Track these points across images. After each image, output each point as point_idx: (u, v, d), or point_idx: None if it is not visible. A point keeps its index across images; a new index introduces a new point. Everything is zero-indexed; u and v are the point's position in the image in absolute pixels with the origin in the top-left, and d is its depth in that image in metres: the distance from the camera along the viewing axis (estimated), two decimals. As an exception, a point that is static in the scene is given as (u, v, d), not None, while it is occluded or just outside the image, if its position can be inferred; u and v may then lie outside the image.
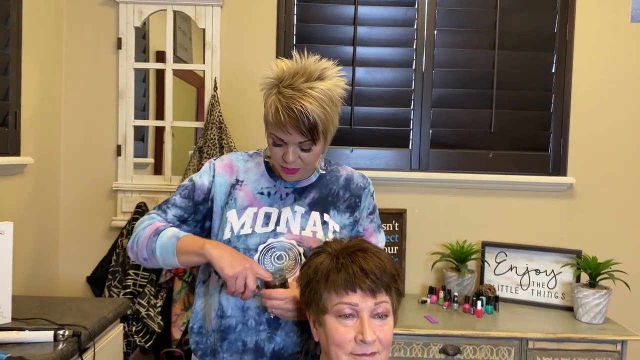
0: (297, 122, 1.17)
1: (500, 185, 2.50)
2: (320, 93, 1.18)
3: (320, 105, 1.18)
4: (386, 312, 1.07)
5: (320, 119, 1.18)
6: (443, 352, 2.00)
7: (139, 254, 1.29)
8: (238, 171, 1.36)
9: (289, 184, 1.34)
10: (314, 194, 1.33)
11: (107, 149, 2.49)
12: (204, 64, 2.49)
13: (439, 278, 2.51)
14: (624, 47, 2.49)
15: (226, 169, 1.36)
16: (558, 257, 2.35)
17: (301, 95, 1.17)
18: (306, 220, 1.30)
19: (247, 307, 1.26)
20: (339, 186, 1.36)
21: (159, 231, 1.26)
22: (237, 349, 1.26)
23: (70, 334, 1.46)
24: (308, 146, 1.22)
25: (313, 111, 1.17)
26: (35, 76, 2.24)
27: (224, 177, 1.35)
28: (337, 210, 1.33)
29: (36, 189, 2.28)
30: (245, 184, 1.34)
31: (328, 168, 1.39)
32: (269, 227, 1.28)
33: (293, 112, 1.16)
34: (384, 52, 2.51)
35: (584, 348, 2.00)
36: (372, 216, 1.38)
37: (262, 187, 1.33)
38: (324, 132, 1.21)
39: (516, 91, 2.51)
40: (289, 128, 1.18)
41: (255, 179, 1.34)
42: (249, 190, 1.33)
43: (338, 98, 1.24)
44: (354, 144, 2.52)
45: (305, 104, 1.16)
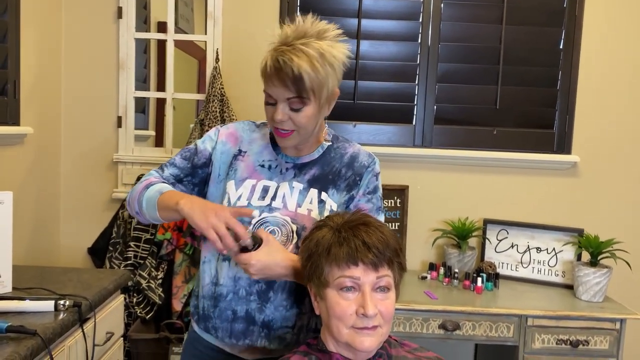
0: (282, 73, 1.15)
1: (504, 162, 2.48)
2: (312, 49, 1.16)
3: (310, 61, 1.15)
4: (388, 285, 1.07)
5: (308, 74, 1.15)
6: (442, 328, 2.01)
7: (132, 207, 1.30)
8: (242, 141, 1.34)
9: (290, 158, 1.30)
10: (315, 170, 1.30)
11: (108, 120, 2.47)
12: (205, 35, 2.45)
13: (439, 254, 2.51)
14: (633, 23, 2.44)
15: (230, 138, 1.34)
16: (560, 236, 2.34)
17: (291, 49, 1.16)
18: (304, 197, 1.27)
19: (239, 277, 1.24)
20: (342, 164, 1.32)
21: (150, 185, 1.27)
22: (227, 317, 1.25)
23: (71, 304, 1.46)
24: (297, 105, 1.19)
25: (299, 65, 1.14)
26: (34, 44, 2.20)
27: (227, 146, 1.33)
28: (337, 189, 1.29)
29: (36, 159, 2.27)
30: (248, 154, 1.32)
31: (335, 144, 1.35)
32: (265, 201, 1.26)
33: (278, 64, 1.15)
34: (389, 25, 2.46)
35: (583, 326, 2.01)
36: (370, 196, 1.31)
37: (263, 159, 1.31)
38: (313, 90, 1.18)
39: (523, 67, 2.48)
40: (274, 80, 1.17)
41: (259, 151, 1.32)
42: (250, 162, 1.31)
43: (334, 60, 1.20)
44: (357, 118, 2.50)
45: (292, 57, 1.15)
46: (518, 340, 2.02)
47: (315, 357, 1.11)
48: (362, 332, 1.04)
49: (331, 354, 1.09)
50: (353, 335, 1.04)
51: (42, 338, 1.28)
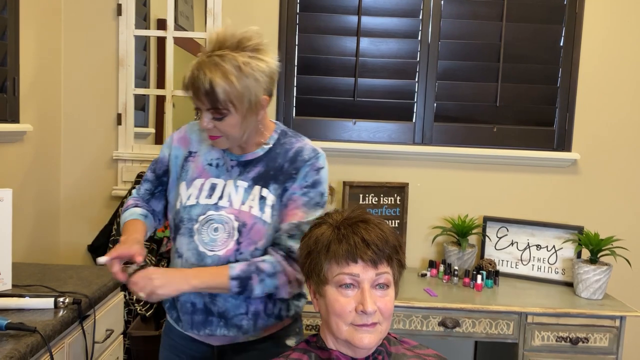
0: (196, 87, 1.20)
1: (504, 160, 2.48)
2: (228, 63, 1.19)
3: (224, 75, 1.18)
4: (387, 282, 1.07)
5: (222, 88, 1.18)
6: (442, 325, 2.01)
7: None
8: (191, 143, 1.40)
9: (234, 156, 1.34)
10: (259, 167, 1.33)
11: (108, 117, 2.46)
12: (205, 32, 2.44)
13: (439, 252, 2.51)
14: (634, 21, 2.43)
15: (181, 141, 1.41)
16: (560, 233, 2.34)
17: (208, 62, 1.20)
18: (248, 194, 1.31)
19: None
20: (286, 159, 1.33)
21: (126, 210, 1.42)
22: (188, 310, 1.33)
23: (71, 302, 1.46)
24: (217, 115, 1.23)
25: (212, 79, 1.18)
26: (33, 41, 2.20)
27: (180, 150, 1.40)
28: (279, 183, 1.32)
29: (36, 157, 2.27)
30: (198, 155, 1.38)
31: (281, 140, 1.36)
32: (211, 200, 1.32)
33: (193, 76, 1.20)
34: (389, 22, 2.46)
35: (582, 323, 2.01)
36: (307, 189, 1.31)
37: (212, 158, 1.36)
38: (231, 102, 1.21)
39: (523, 64, 2.47)
40: (190, 92, 1.23)
41: (207, 150, 1.37)
42: (200, 162, 1.37)
43: (253, 72, 1.21)
44: (357, 116, 2.49)
45: (206, 71, 1.19)
46: (518, 337, 2.02)
47: (315, 355, 1.11)
48: (361, 329, 1.04)
49: (330, 351, 1.09)
50: (352, 333, 1.04)
51: (42, 335, 1.28)
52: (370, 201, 2.42)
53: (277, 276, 1.26)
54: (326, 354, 1.10)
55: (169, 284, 1.21)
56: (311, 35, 2.46)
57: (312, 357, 1.11)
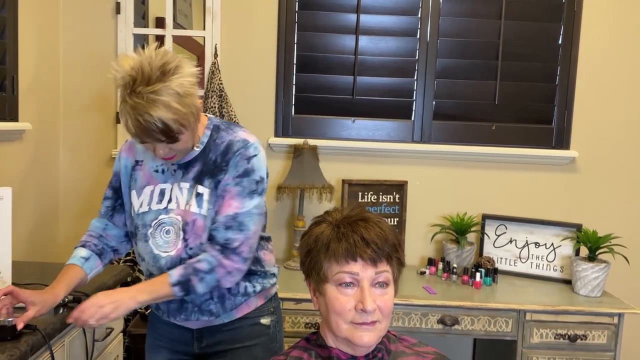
0: (148, 131, 1.19)
1: (503, 158, 2.48)
2: (166, 95, 1.17)
3: (168, 107, 1.17)
4: (387, 281, 1.07)
5: (173, 119, 1.18)
6: (441, 323, 2.02)
7: None
8: (137, 152, 1.42)
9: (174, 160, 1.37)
10: (198, 167, 1.36)
11: (107, 115, 2.46)
12: (204, 31, 2.44)
13: (438, 250, 2.52)
14: (632, 19, 2.44)
15: (128, 152, 1.44)
16: (558, 231, 2.35)
17: (144, 103, 1.16)
18: (190, 194, 1.35)
19: (152, 273, 1.38)
20: (217, 153, 1.35)
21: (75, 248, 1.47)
22: (165, 302, 1.38)
23: (71, 300, 1.47)
24: (172, 141, 1.24)
25: (161, 117, 1.17)
26: (32, 40, 2.20)
27: (128, 160, 1.43)
28: (212, 177, 1.34)
29: (35, 155, 2.27)
30: (144, 163, 1.41)
31: (213, 136, 1.37)
32: (162, 204, 1.36)
33: (141, 124, 1.17)
34: (388, 21, 2.46)
35: (581, 320, 2.02)
36: (240, 179, 1.32)
37: (156, 164, 1.39)
38: (182, 127, 1.21)
39: (521, 62, 2.48)
40: (143, 137, 1.22)
41: (152, 157, 1.39)
42: (146, 170, 1.40)
43: (188, 88, 1.21)
44: (356, 114, 2.50)
45: (150, 111, 1.16)
46: (516, 335, 2.03)
47: (315, 353, 1.11)
48: (360, 328, 1.04)
49: (330, 349, 1.10)
50: (352, 331, 1.04)
51: (42, 333, 1.28)
52: (369, 199, 2.42)
53: (215, 271, 1.29)
54: (326, 352, 1.10)
55: (119, 307, 1.25)
56: (310, 34, 2.46)
57: (312, 355, 1.11)
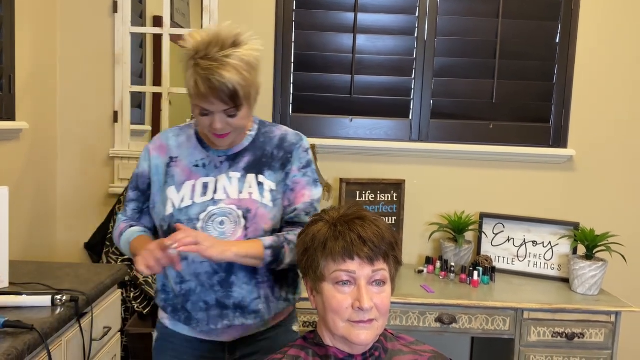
0: (218, 92, 1.20)
1: (500, 156, 2.48)
2: (237, 60, 1.21)
3: (238, 72, 1.21)
4: (384, 279, 1.07)
5: (240, 85, 1.22)
6: (439, 321, 2.02)
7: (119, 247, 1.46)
8: (170, 149, 1.40)
9: (222, 152, 1.37)
10: (248, 157, 1.37)
11: (104, 115, 2.46)
12: (202, 30, 2.43)
13: (436, 248, 2.52)
14: (630, 18, 2.44)
15: (159, 150, 1.41)
16: (556, 229, 2.35)
17: (218, 65, 1.20)
18: (242, 183, 1.34)
19: (198, 272, 1.32)
20: (273, 146, 1.39)
21: (122, 234, 1.41)
22: (202, 308, 1.33)
23: (68, 299, 1.46)
24: (233, 112, 1.25)
25: (231, 79, 1.20)
26: (29, 39, 2.19)
27: (159, 159, 1.40)
28: (273, 169, 1.37)
29: (32, 155, 2.26)
30: (180, 159, 1.38)
31: (262, 130, 1.41)
32: (207, 196, 1.33)
33: (212, 83, 1.19)
34: (385, 19, 2.46)
35: (578, 319, 2.02)
36: (305, 170, 1.39)
37: (196, 159, 1.37)
38: (245, 97, 1.25)
39: (519, 61, 2.48)
40: (210, 98, 1.22)
41: (189, 153, 1.38)
42: (184, 165, 1.37)
43: (255, 62, 1.26)
44: (354, 113, 2.50)
45: (223, 73, 1.19)
46: (514, 333, 2.03)
47: (312, 351, 1.11)
48: (358, 326, 1.04)
49: (327, 347, 1.10)
50: (349, 329, 1.04)
51: (39, 333, 1.28)
52: (367, 198, 2.42)
53: None
54: (323, 351, 1.10)
55: (217, 245, 1.22)
56: (308, 32, 2.46)
57: (310, 353, 1.11)
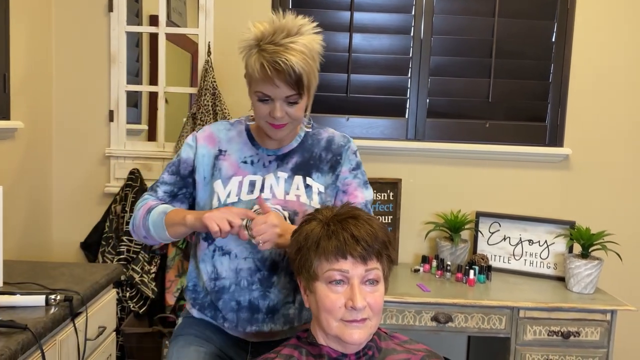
0: (284, 74, 1.20)
1: (496, 155, 2.48)
2: (302, 46, 1.22)
3: (304, 58, 1.21)
4: (377, 278, 1.07)
5: (305, 71, 1.22)
6: (435, 320, 2.02)
7: (139, 233, 1.36)
8: (220, 142, 1.37)
9: (271, 151, 1.36)
10: (296, 158, 1.36)
11: (100, 114, 2.45)
12: (197, 29, 2.43)
13: (432, 247, 2.52)
14: (625, 17, 2.44)
15: (208, 140, 1.38)
16: (551, 228, 2.35)
17: (284, 49, 1.20)
18: (289, 184, 1.32)
19: (240, 268, 1.30)
20: (321, 148, 1.39)
21: (151, 209, 1.32)
22: (232, 308, 1.31)
23: (62, 299, 1.46)
24: (295, 99, 1.25)
25: (298, 63, 1.20)
26: (24, 37, 2.19)
27: (207, 148, 1.37)
28: (321, 172, 1.36)
29: (27, 154, 2.26)
30: (229, 153, 1.36)
31: (310, 132, 1.41)
32: (254, 194, 1.31)
33: (279, 65, 1.19)
34: (381, 18, 2.46)
35: (574, 317, 2.02)
36: (355, 172, 1.39)
37: (245, 156, 1.36)
38: (307, 85, 1.25)
39: (515, 60, 2.48)
40: (276, 81, 1.21)
41: (238, 148, 1.36)
42: (233, 160, 1.35)
43: (317, 53, 1.27)
44: (350, 112, 2.49)
45: (290, 57, 1.19)
46: (510, 332, 2.03)
47: (305, 350, 1.11)
48: (351, 325, 1.04)
49: (321, 346, 1.10)
50: (342, 328, 1.04)
51: (32, 333, 1.28)
52: (363, 197, 2.42)
53: None
54: (317, 350, 1.10)
55: (286, 234, 1.20)
56: (304, 31, 2.45)
57: (303, 352, 1.11)
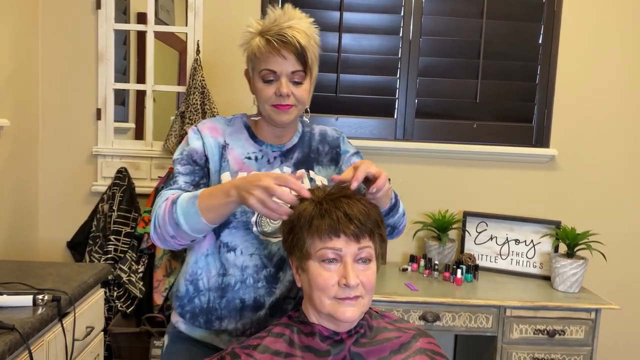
0: (290, 46, 1.22)
1: (484, 155, 2.51)
2: (305, 29, 1.25)
3: (307, 39, 1.24)
4: (369, 256, 1.08)
5: (309, 49, 1.24)
6: (423, 319, 2.04)
7: (165, 234, 1.18)
8: (224, 133, 1.34)
9: (276, 147, 1.34)
10: (297, 154, 1.37)
11: (87, 112, 2.43)
12: (186, 27, 2.42)
13: (420, 247, 2.54)
14: (611, 19, 2.48)
15: (212, 130, 1.33)
16: (538, 228, 2.38)
17: (288, 28, 1.23)
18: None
19: (246, 265, 1.27)
20: (317, 142, 1.40)
21: (175, 201, 1.17)
22: (235, 306, 1.28)
23: (50, 299, 1.45)
24: (300, 78, 1.25)
25: (302, 39, 1.23)
26: (9, 35, 2.16)
27: (213, 138, 1.32)
28: (322, 165, 1.38)
29: (13, 152, 2.23)
30: (232, 148, 1.32)
31: (305, 128, 1.43)
32: None
33: (285, 37, 1.21)
34: (371, 19, 2.47)
35: (559, 316, 2.05)
36: (358, 155, 1.43)
37: (248, 152, 1.33)
38: (311, 65, 1.26)
39: (502, 61, 2.50)
40: (283, 52, 1.22)
41: (241, 144, 1.34)
42: (236, 155, 1.32)
43: (317, 42, 1.29)
44: (339, 112, 2.50)
45: (294, 33, 1.22)
46: (497, 330, 2.05)
47: (297, 329, 1.11)
48: (344, 303, 1.05)
49: (313, 325, 1.10)
50: (335, 306, 1.05)
51: (20, 333, 1.27)
52: (352, 197, 2.43)
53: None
54: (308, 328, 1.10)
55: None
56: (293, 31, 2.45)
57: (294, 331, 1.11)
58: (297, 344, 1.09)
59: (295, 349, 1.08)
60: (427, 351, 1.13)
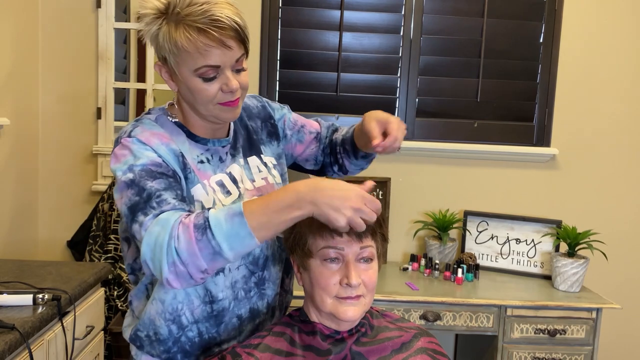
0: (230, 30, 1.00)
1: (484, 155, 2.50)
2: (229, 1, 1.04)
3: (234, 10, 1.04)
4: (371, 256, 1.08)
5: (243, 24, 1.05)
6: (423, 318, 2.03)
7: (193, 270, 0.94)
8: (177, 141, 1.10)
9: (224, 141, 1.16)
10: (241, 141, 1.20)
11: (87, 111, 2.43)
12: (186, 26, 2.42)
13: (420, 246, 2.54)
14: (612, 18, 2.47)
15: (160, 137, 1.07)
16: (538, 227, 2.38)
17: (210, 6, 1.00)
18: (250, 170, 1.19)
19: (235, 281, 1.14)
20: (247, 119, 1.24)
21: (201, 226, 0.93)
22: (234, 326, 1.17)
23: (50, 298, 1.45)
24: (240, 65, 1.05)
25: (235, 14, 1.02)
26: (9, 34, 2.16)
27: (165, 146, 1.07)
28: (264, 144, 1.25)
29: (13, 151, 2.23)
30: (185, 155, 1.10)
31: None
32: (233, 195, 1.14)
33: (221, 22, 0.99)
34: (371, 17, 2.46)
35: (560, 315, 2.05)
36: (287, 109, 1.34)
37: (197, 155, 1.12)
38: (246, 40, 1.07)
39: (503, 60, 2.50)
40: (226, 41, 1.00)
41: (187, 149, 1.11)
42: (189, 162, 1.10)
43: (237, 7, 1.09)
44: (340, 111, 2.50)
45: (223, 11, 1.00)
46: (497, 330, 2.05)
47: (298, 328, 1.11)
48: (345, 302, 1.05)
49: (314, 324, 1.10)
50: (337, 305, 1.05)
51: (20, 332, 1.27)
52: (353, 196, 2.42)
53: None
54: (309, 327, 1.10)
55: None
56: (293, 30, 2.45)
57: (295, 330, 1.11)
58: (298, 343, 1.09)
59: (296, 348, 1.08)
60: (429, 350, 1.13)
